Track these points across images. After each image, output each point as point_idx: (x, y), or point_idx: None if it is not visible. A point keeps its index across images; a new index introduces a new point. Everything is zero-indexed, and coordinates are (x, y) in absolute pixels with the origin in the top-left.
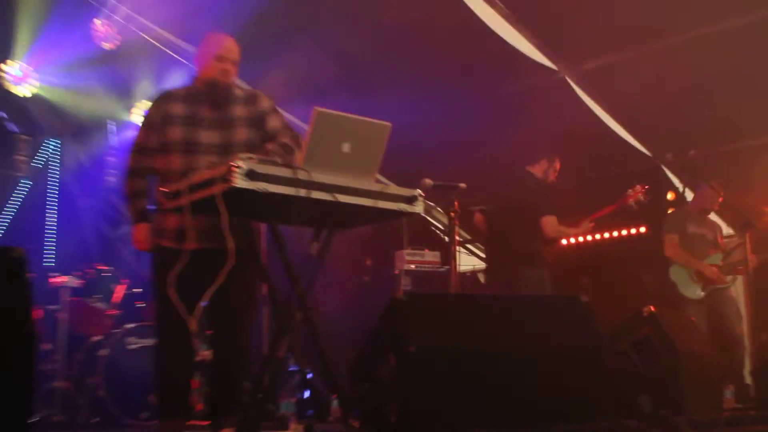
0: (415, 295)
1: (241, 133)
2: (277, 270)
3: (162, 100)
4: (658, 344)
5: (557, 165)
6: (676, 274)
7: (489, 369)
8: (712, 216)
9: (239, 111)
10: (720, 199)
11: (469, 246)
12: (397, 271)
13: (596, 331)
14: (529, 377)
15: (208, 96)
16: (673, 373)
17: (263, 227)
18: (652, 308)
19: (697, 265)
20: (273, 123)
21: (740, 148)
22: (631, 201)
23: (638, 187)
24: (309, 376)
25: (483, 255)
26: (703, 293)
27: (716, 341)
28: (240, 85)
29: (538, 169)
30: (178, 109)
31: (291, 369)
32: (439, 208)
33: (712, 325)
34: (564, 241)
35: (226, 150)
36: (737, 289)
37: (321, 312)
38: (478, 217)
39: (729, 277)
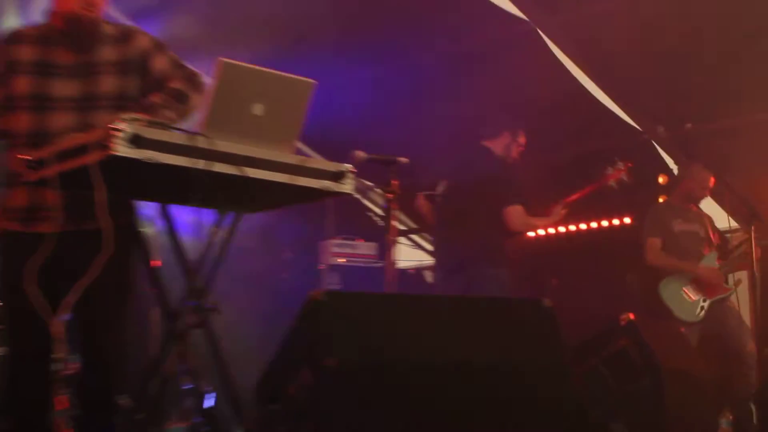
0: (337, 294)
1: (109, 82)
2: (168, 262)
3: (6, 43)
4: (637, 360)
5: (522, 140)
6: (668, 292)
7: (428, 387)
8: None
9: (108, 54)
10: (711, 183)
11: (414, 237)
12: (322, 266)
13: (560, 342)
14: (478, 397)
15: (66, 36)
16: (653, 396)
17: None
18: (631, 316)
19: (691, 269)
20: (158, 65)
21: (750, 122)
22: (611, 181)
23: (620, 164)
24: (207, 395)
25: (430, 248)
26: (704, 313)
27: (714, 361)
28: (112, 22)
29: (497, 145)
30: (26, 53)
31: (184, 387)
32: (378, 189)
33: (709, 343)
34: (530, 233)
35: (88, 105)
36: (739, 296)
37: (224, 315)
38: (422, 204)
39: (733, 277)
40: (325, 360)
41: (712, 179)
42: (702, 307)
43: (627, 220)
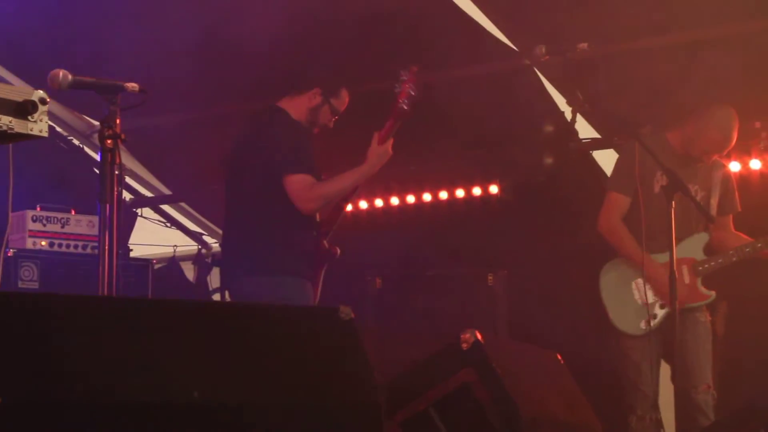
0: (13, 297)
1: None
2: None
3: None
4: (486, 404)
5: (340, 100)
6: (608, 284)
7: None
8: None
9: None
10: (729, 144)
11: (168, 209)
12: (10, 253)
13: (367, 373)
14: None
15: None
16: None
17: None
18: (478, 335)
19: (640, 260)
20: None
21: (680, 43)
22: (401, 101)
23: (405, 75)
24: None
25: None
26: (651, 324)
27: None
28: None
29: (298, 105)
30: None
31: None
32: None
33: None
34: (348, 206)
35: None
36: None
37: None
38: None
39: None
40: None
41: (731, 142)
42: (654, 316)
43: (493, 189)
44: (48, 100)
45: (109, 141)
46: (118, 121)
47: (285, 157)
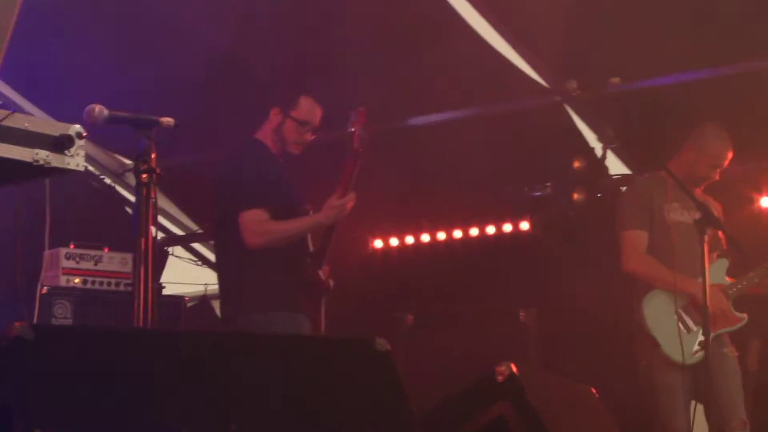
0: (51, 330)
1: None
2: None
3: None
4: None
5: (300, 110)
6: (653, 313)
7: None
8: None
9: None
10: (729, 157)
11: (198, 247)
12: (44, 290)
13: (403, 404)
14: None
15: None
16: None
17: None
18: (513, 367)
19: (688, 287)
20: None
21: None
22: (356, 145)
23: (354, 116)
24: None
25: None
26: (702, 354)
27: None
28: None
29: (266, 132)
30: None
31: None
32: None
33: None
34: (379, 243)
35: None
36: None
37: None
38: None
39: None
40: None
41: (730, 152)
42: (701, 344)
43: (524, 226)
44: (84, 134)
45: (144, 175)
46: (153, 155)
47: (241, 192)
